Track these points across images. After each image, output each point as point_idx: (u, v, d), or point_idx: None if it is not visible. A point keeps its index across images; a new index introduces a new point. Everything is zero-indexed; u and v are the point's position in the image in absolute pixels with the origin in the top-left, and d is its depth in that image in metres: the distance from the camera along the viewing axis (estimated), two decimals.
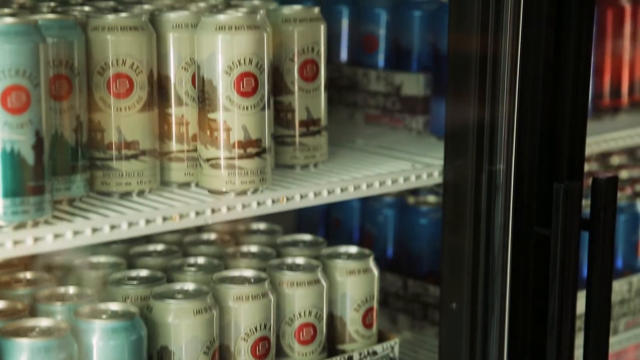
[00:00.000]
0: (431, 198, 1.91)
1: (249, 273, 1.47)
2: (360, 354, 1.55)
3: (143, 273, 1.48)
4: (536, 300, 1.51)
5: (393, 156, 1.62)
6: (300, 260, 1.54)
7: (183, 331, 1.36)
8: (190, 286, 1.42)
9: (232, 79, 1.33)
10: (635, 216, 1.98)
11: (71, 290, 1.40)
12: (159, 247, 1.61)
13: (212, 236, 1.68)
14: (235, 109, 1.34)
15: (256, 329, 1.42)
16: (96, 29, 1.32)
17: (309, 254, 1.59)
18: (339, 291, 1.55)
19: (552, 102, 1.48)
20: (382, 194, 1.84)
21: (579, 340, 1.51)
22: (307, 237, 1.66)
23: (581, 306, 1.50)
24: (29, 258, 1.49)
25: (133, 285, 1.44)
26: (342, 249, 1.60)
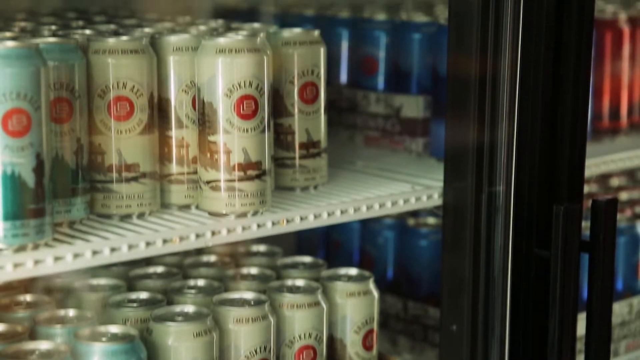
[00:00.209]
0: (431, 220, 1.91)
1: (249, 295, 1.47)
2: None
3: (143, 295, 1.48)
4: (536, 322, 1.51)
5: (393, 178, 1.62)
6: (300, 282, 1.54)
7: (183, 354, 1.35)
8: (190, 308, 1.42)
9: (232, 102, 1.33)
10: (635, 238, 1.98)
11: (71, 312, 1.40)
12: (159, 270, 1.61)
13: (212, 258, 1.68)
14: (235, 132, 1.34)
15: (256, 352, 1.42)
16: (97, 52, 1.32)
17: (309, 276, 1.59)
18: (339, 313, 1.55)
19: (552, 124, 1.48)
20: (382, 216, 1.85)
21: None
22: (307, 259, 1.66)
23: (581, 328, 1.50)
24: (29, 280, 1.49)
25: (133, 307, 1.44)
26: (342, 271, 1.60)
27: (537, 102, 1.47)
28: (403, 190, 1.55)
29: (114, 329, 1.34)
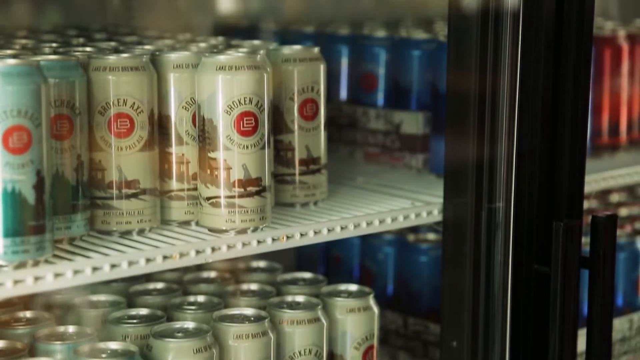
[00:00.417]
0: (431, 236, 1.91)
1: (249, 311, 1.47)
2: None
3: (143, 312, 1.48)
4: (536, 338, 1.51)
5: (393, 194, 1.62)
6: (300, 298, 1.54)
7: None
8: (190, 325, 1.42)
9: (233, 119, 1.34)
10: (635, 254, 1.97)
11: (71, 329, 1.40)
12: (159, 286, 1.61)
13: (212, 274, 1.68)
14: (235, 148, 1.34)
15: None
16: (97, 70, 1.33)
17: (309, 292, 1.59)
18: (339, 329, 1.55)
19: (551, 140, 1.49)
20: (382, 232, 1.85)
21: None
22: (307, 275, 1.66)
23: (582, 344, 1.50)
24: (29, 297, 1.49)
25: (133, 324, 1.44)
26: (342, 287, 1.60)
27: (537, 119, 1.47)
28: (403, 206, 1.55)
29: (114, 346, 1.34)
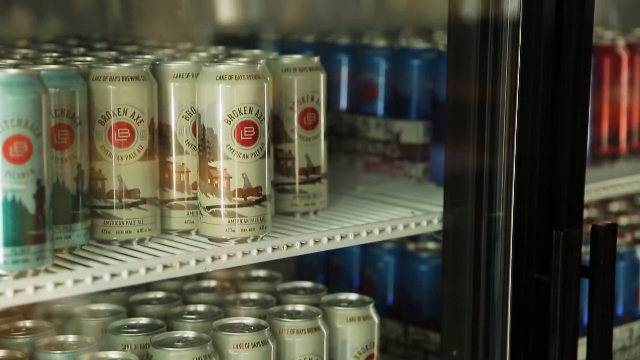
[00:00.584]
0: (431, 245, 1.91)
1: (249, 321, 1.47)
2: None
3: (143, 321, 1.48)
4: (537, 347, 1.51)
5: (393, 203, 1.62)
6: (300, 307, 1.54)
7: None
8: (190, 334, 1.42)
9: (233, 128, 1.34)
10: (635, 263, 1.97)
11: (71, 338, 1.40)
12: (159, 295, 1.61)
13: (212, 283, 1.68)
14: (235, 157, 1.34)
15: None
16: (98, 79, 1.33)
17: (309, 301, 1.59)
18: (339, 338, 1.55)
19: (551, 150, 1.49)
20: (382, 241, 1.85)
21: None
22: (307, 284, 1.66)
23: (582, 353, 1.50)
24: (29, 306, 1.49)
25: (133, 333, 1.44)
26: (342, 296, 1.60)
27: (537, 128, 1.48)
28: (403, 215, 1.55)
29: (114, 355, 1.34)
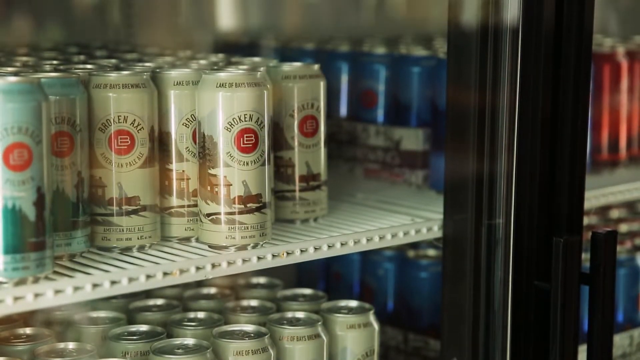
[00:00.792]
0: (431, 252, 1.92)
1: (249, 328, 1.47)
2: None
3: (143, 328, 1.48)
4: (537, 354, 1.50)
5: (393, 210, 1.62)
6: (300, 314, 1.54)
7: None
8: (190, 341, 1.42)
9: (233, 135, 1.34)
10: (635, 270, 1.98)
11: (71, 345, 1.40)
12: (159, 302, 1.61)
13: (212, 290, 1.68)
14: (235, 165, 1.35)
15: None
16: (98, 87, 1.33)
17: (309, 308, 1.59)
18: (340, 345, 1.55)
19: (551, 157, 1.49)
20: (382, 248, 1.85)
21: None
22: (307, 291, 1.66)
23: None
24: (29, 313, 1.49)
25: (133, 340, 1.44)
26: (343, 303, 1.60)
27: (536, 135, 1.48)
28: (403, 222, 1.55)
29: None
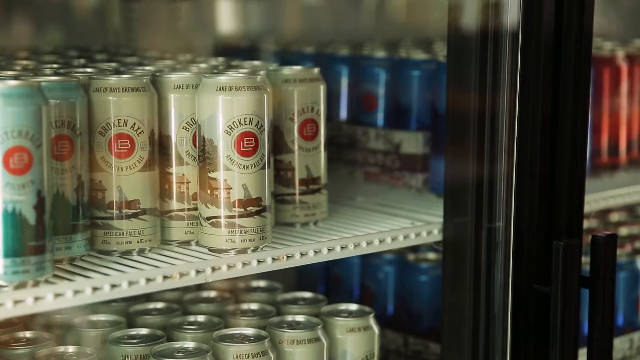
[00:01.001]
0: (431, 255, 1.92)
1: (249, 331, 1.47)
2: None
3: (143, 332, 1.48)
4: (537, 357, 1.50)
5: (393, 214, 1.62)
6: (300, 318, 1.54)
7: None
8: (190, 345, 1.42)
9: (233, 139, 1.34)
10: (635, 273, 1.97)
11: (71, 349, 1.40)
12: (159, 305, 1.61)
13: (212, 294, 1.68)
14: (235, 168, 1.35)
15: None
16: (98, 90, 1.33)
17: (309, 312, 1.59)
18: (340, 349, 1.55)
19: (551, 160, 1.49)
20: (382, 252, 1.85)
21: None
22: (307, 295, 1.66)
23: None
24: (29, 317, 1.49)
25: (133, 344, 1.44)
26: (343, 307, 1.60)
27: (536, 138, 1.48)
28: (403, 225, 1.55)
29: None
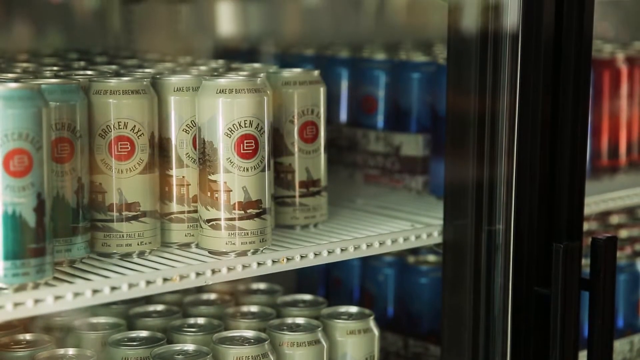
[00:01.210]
0: (431, 257, 1.92)
1: (249, 333, 1.47)
2: None
3: (143, 334, 1.48)
4: None
5: (393, 216, 1.62)
6: (300, 320, 1.54)
7: None
8: (190, 347, 1.42)
9: (233, 141, 1.34)
10: (635, 275, 1.97)
11: (71, 351, 1.40)
12: (159, 308, 1.61)
13: (212, 296, 1.68)
14: (235, 171, 1.35)
15: None
16: (98, 93, 1.33)
17: (309, 314, 1.59)
18: (340, 351, 1.55)
19: (551, 162, 1.49)
20: (382, 254, 1.85)
21: None
22: (307, 297, 1.66)
23: None
24: (29, 319, 1.49)
25: (133, 346, 1.44)
26: (343, 309, 1.60)
27: (536, 140, 1.48)
28: (403, 228, 1.55)
29: None
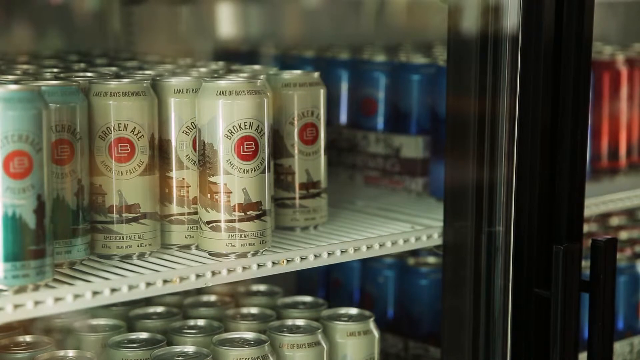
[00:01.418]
0: (431, 259, 1.92)
1: (249, 335, 1.47)
2: None
3: (143, 336, 1.48)
4: None
5: (393, 218, 1.63)
6: (300, 322, 1.54)
7: None
8: (190, 349, 1.42)
9: (233, 143, 1.34)
10: (635, 277, 1.98)
11: (71, 353, 1.40)
12: (159, 310, 1.61)
13: (212, 298, 1.68)
14: (235, 172, 1.35)
15: None
16: (98, 95, 1.33)
17: (309, 316, 1.59)
18: (340, 353, 1.55)
19: (551, 164, 1.49)
20: (382, 255, 1.85)
21: None
22: (308, 299, 1.66)
23: None
24: (29, 321, 1.49)
25: (133, 348, 1.44)
26: (343, 311, 1.60)
27: (536, 142, 1.48)
28: (403, 229, 1.55)
29: None
